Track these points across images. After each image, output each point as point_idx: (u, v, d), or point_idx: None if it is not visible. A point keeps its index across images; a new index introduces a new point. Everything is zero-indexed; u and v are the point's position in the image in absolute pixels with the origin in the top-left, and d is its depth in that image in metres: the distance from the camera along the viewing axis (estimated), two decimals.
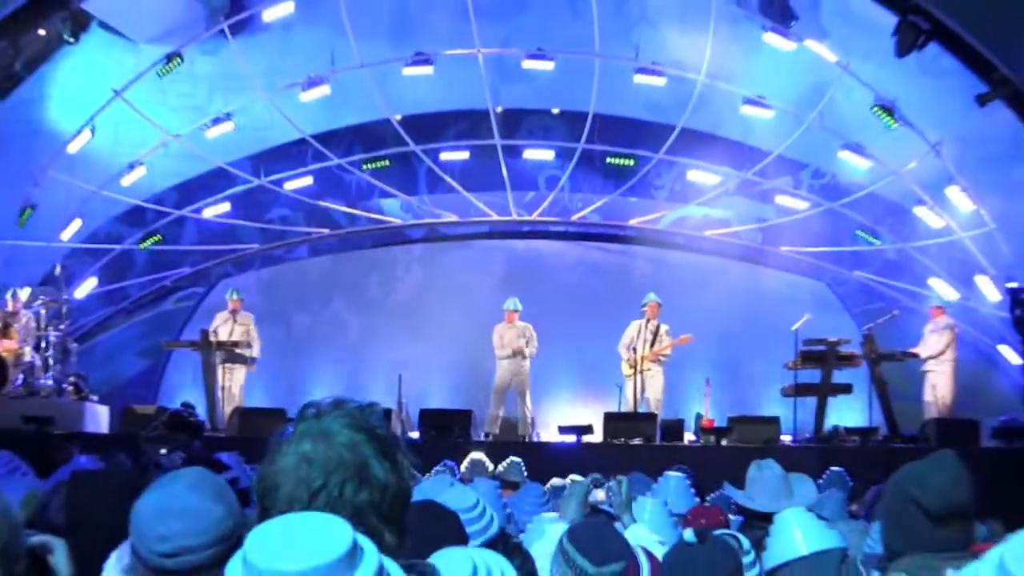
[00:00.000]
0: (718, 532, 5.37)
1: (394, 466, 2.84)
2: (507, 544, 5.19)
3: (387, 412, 20.03)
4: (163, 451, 9.46)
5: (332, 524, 2.14)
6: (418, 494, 4.78)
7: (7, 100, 23.15)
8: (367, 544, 2.16)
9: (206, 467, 4.09)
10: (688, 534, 4.88)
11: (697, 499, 8.77)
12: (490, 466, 13.12)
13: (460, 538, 4.66)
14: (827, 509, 8.58)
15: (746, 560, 5.39)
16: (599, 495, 7.42)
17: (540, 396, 23.40)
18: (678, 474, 8.89)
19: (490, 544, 4.88)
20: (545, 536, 6.21)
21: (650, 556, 5.02)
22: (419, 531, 3.57)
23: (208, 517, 3.53)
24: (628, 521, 6.35)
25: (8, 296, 21.19)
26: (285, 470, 2.75)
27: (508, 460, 12.90)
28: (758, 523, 7.03)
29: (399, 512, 2.83)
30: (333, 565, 1.97)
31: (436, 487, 5.61)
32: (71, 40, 21.95)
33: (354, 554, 2.06)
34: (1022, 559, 1.71)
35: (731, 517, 7.80)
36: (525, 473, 12.33)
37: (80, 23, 21.93)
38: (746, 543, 5.59)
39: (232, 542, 3.55)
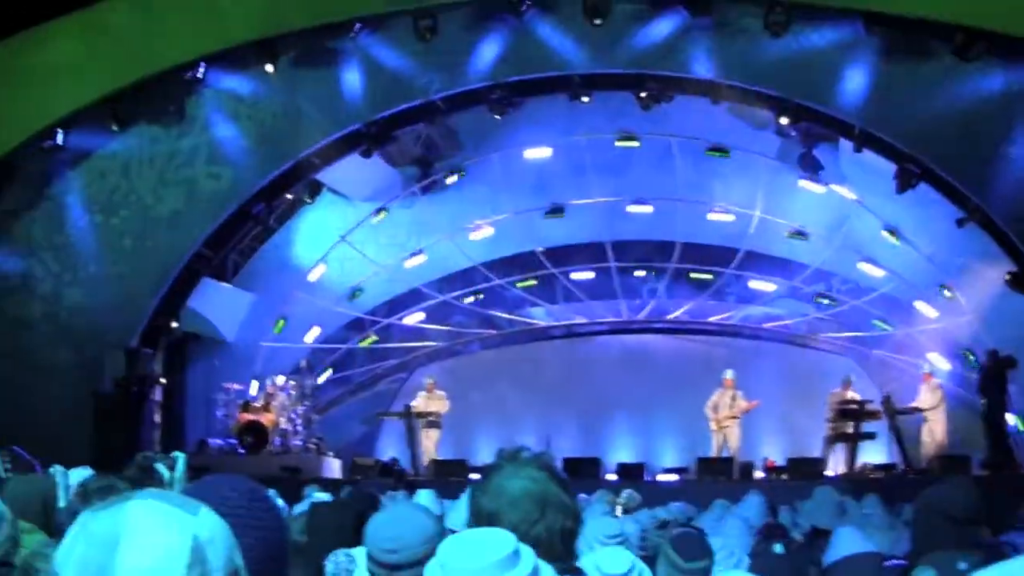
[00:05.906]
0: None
1: (569, 495, 2.93)
2: None
3: None
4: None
5: (500, 535, 2.25)
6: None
7: (265, 245, 23.71)
8: (526, 550, 2.20)
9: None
10: (778, 547, 4.96)
11: (770, 517, 8.67)
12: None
13: None
14: (872, 522, 8.50)
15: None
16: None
17: (653, 445, 23.48)
18: (759, 496, 8.81)
19: None
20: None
21: None
22: None
23: (424, 526, 3.77)
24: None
25: (269, 383, 21.71)
26: (512, 500, 2.83)
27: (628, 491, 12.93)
28: (821, 537, 6.86)
29: (575, 528, 2.91)
30: (499, 562, 2.07)
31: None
32: (309, 201, 22.56)
33: (515, 556, 2.14)
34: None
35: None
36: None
37: (315, 189, 22.39)
38: None
39: (435, 546, 3.82)
